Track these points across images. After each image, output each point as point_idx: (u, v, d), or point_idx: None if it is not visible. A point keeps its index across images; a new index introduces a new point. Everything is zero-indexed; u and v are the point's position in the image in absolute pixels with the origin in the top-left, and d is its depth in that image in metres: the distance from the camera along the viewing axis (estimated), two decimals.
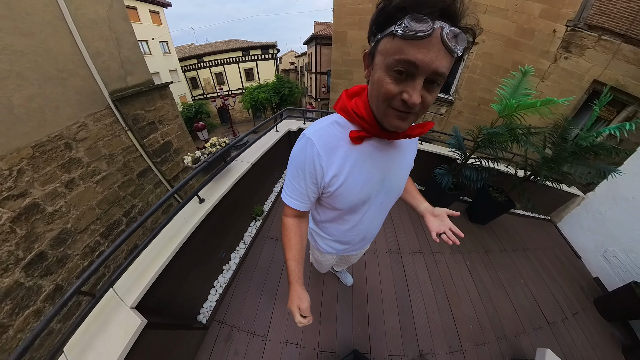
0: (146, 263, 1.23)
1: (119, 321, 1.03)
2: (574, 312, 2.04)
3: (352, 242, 0.84)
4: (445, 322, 1.72)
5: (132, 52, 3.35)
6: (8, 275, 2.21)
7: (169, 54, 14.33)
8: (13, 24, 2.24)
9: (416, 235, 2.37)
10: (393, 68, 0.39)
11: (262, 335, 1.53)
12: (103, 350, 0.94)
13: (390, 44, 0.39)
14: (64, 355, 0.93)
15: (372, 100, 0.49)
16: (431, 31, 0.35)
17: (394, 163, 0.64)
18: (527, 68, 1.86)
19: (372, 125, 0.53)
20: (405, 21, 0.35)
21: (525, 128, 1.91)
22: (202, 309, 1.65)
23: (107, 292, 1.12)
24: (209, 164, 1.60)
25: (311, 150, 0.55)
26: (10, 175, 2.25)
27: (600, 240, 2.56)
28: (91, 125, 2.91)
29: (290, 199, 0.64)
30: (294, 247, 0.67)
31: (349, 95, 0.59)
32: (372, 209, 0.70)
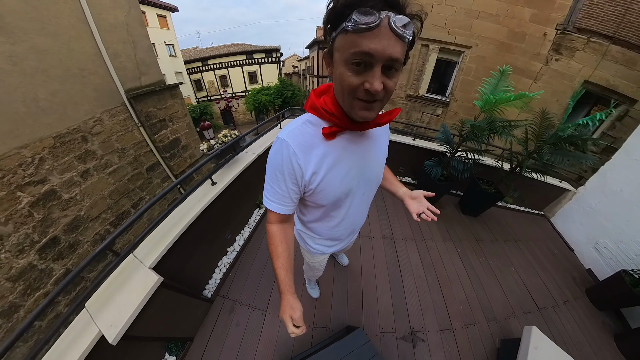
0: (163, 232, 1.38)
1: (138, 278, 1.17)
2: (564, 300, 2.10)
3: (341, 238, 0.85)
4: (436, 303, 1.82)
5: (146, 54, 3.59)
6: (23, 257, 2.36)
7: (174, 56, 14.76)
8: (41, 26, 2.47)
9: (409, 224, 2.50)
10: (351, 61, 0.41)
11: (262, 309, 1.66)
12: (122, 303, 1.06)
13: (344, 40, 0.41)
14: (86, 310, 1.05)
15: (338, 96, 0.51)
16: (379, 21, 0.37)
17: (370, 153, 0.65)
18: (505, 68, 2.04)
19: (341, 120, 0.54)
20: (353, 16, 0.38)
21: (506, 121, 2.07)
22: (208, 285, 1.80)
23: (127, 256, 1.27)
24: (221, 151, 1.78)
25: (287, 150, 0.56)
26: (33, 163, 2.44)
27: (592, 232, 2.64)
28: (106, 120, 3.12)
29: (272, 203, 0.62)
30: (282, 255, 0.65)
31: (317, 93, 0.60)
32: (355, 200, 0.71)
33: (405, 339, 1.58)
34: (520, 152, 2.29)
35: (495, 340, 1.67)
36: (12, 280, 2.26)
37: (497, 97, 1.87)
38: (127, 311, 1.04)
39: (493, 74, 2.07)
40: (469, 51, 4.57)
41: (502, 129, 2.01)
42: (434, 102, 5.26)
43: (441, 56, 4.84)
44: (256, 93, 15.51)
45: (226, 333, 1.53)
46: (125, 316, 1.02)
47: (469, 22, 4.34)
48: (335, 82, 0.50)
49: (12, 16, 2.25)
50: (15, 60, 2.28)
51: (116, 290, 1.12)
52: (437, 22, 4.51)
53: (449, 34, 4.53)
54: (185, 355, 1.42)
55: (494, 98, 1.86)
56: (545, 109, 2.12)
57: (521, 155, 2.28)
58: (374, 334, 1.59)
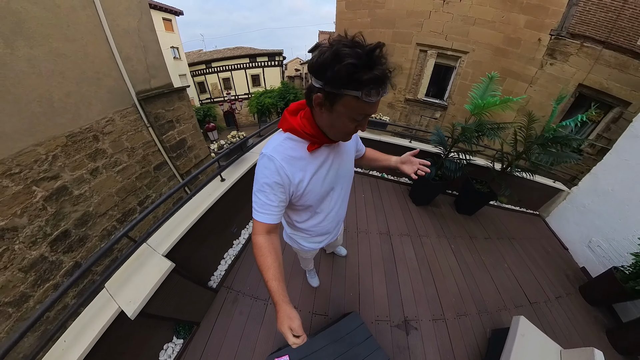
0: (174, 225, 1.50)
1: (153, 264, 1.29)
2: (557, 296, 2.16)
3: (329, 231, 0.96)
4: (430, 294, 1.91)
5: (156, 58, 3.75)
6: (36, 248, 2.46)
7: (179, 59, 15.05)
8: (60, 31, 2.62)
9: (405, 221, 2.60)
10: (356, 118, 0.56)
11: (264, 299, 1.76)
12: (139, 283, 1.19)
13: (355, 103, 0.52)
14: (106, 289, 1.17)
15: (328, 130, 0.63)
16: (380, 97, 0.53)
17: (341, 155, 0.79)
18: (493, 74, 2.17)
19: (321, 139, 0.66)
20: (371, 95, 0.50)
21: (494, 124, 2.18)
22: (213, 277, 1.90)
23: (142, 245, 1.38)
24: (230, 151, 1.92)
25: (274, 164, 0.65)
26: (47, 160, 2.57)
27: (585, 231, 2.70)
28: (118, 120, 3.25)
29: (262, 215, 0.68)
30: (272, 266, 0.65)
31: (291, 113, 0.69)
32: (336, 195, 0.83)
33: (399, 326, 1.67)
34: (510, 152, 2.40)
35: (486, 331, 1.76)
36: (24, 270, 2.36)
37: (485, 101, 1.99)
38: (144, 290, 1.16)
39: (482, 79, 2.20)
40: (466, 56, 4.72)
41: (489, 130, 2.12)
42: (432, 105, 5.40)
43: (439, 61, 5.00)
44: (259, 96, 15.75)
45: (230, 320, 1.63)
46: (142, 294, 1.14)
47: (465, 29, 4.50)
48: (330, 123, 0.60)
49: (33, 22, 2.40)
50: (34, 62, 2.42)
51: (133, 273, 1.25)
52: (434, 29, 4.67)
53: (446, 39, 4.69)
54: (192, 338, 1.52)
55: (483, 102, 1.98)
56: (532, 112, 2.23)
57: (511, 156, 2.38)
58: (369, 322, 1.67)
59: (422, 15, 4.64)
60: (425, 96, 5.41)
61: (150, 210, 1.34)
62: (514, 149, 2.35)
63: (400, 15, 4.76)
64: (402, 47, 4.99)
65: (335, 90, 0.51)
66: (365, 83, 0.48)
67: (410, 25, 4.77)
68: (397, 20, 4.82)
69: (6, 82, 2.26)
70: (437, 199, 2.96)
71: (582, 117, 1.85)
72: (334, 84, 0.50)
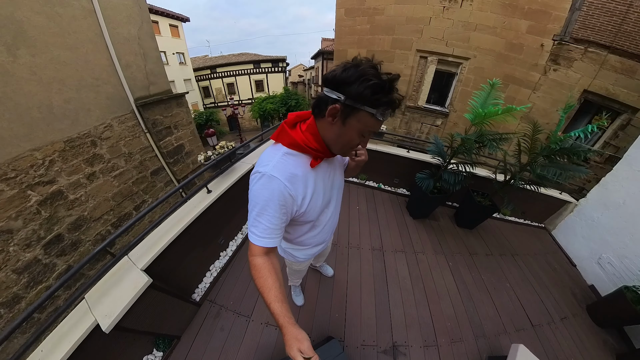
0: (157, 237, 1.47)
1: (131, 278, 1.25)
2: (562, 317, 2.02)
3: (325, 239, 0.96)
4: (422, 317, 1.79)
5: (155, 65, 3.81)
6: (30, 250, 2.49)
7: (184, 64, 15.38)
8: (61, 39, 2.68)
9: (400, 236, 2.50)
10: (364, 134, 0.60)
11: (247, 315, 1.69)
12: (116, 297, 1.17)
13: (369, 120, 0.56)
14: (85, 300, 1.16)
15: (333, 144, 0.64)
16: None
17: (335, 167, 0.82)
18: (494, 81, 2.08)
19: (325, 153, 0.66)
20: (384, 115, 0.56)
21: (496, 134, 2.09)
22: (197, 289, 1.85)
23: (123, 257, 1.35)
24: (217, 162, 1.87)
25: (277, 184, 0.60)
26: (43, 164, 2.60)
27: (594, 247, 2.54)
28: (116, 126, 3.29)
29: (262, 239, 0.63)
30: (273, 287, 0.61)
31: (290, 125, 0.66)
32: (332, 206, 0.85)
33: (387, 352, 1.57)
34: (514, 164, 2.30)
35: (482, 358, 1.64)
36: (17, 272, 2.39)
37: (486, 110, 1.91)
38: (120, 305, 1.14)
39: (483, 87, 2.12)
40: (467, 62, 4.67)
41: (490, 142, 2.03)
42: (433, 113, 5.33)
43: (440, 67, 4.94)
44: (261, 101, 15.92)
45: (211, 335, 1.58)
46: (118, 309, 1.12)
47: (466, 35, 4.45)
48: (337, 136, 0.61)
49: (35, 31, 2.46)
50: (35, 70, 2.48)
51: (112, 287, 1.23)
52: (435, 35, 4.64)
53: (447, 46, 4.65)
54: (172, 352, 1.48)
55: (484, 111, 1.91)
56: (537, 121, 2.14)
57: (514, 167, 2.28)
58: (354, 346, 1.57)
59: (422, 22, 4.62)
60: (426, 103, 5.35)
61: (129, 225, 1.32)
62: (517, 160, 2.24)
63: (399, 22, 4.75)
64: (402, 53, 4.96)
65: (354, 104, 0.54)
66: (384, 103, 0.54)
67: (410, 32, 4.75)
68: (396, 26, 4.81)
69: (7, 88, 2.31)
70: (436, 211, 2.86)
71: (593, 127, 1.74)
72: (356, 99, 0.53)
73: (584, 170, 2.00)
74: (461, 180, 2.27)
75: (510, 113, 1.81)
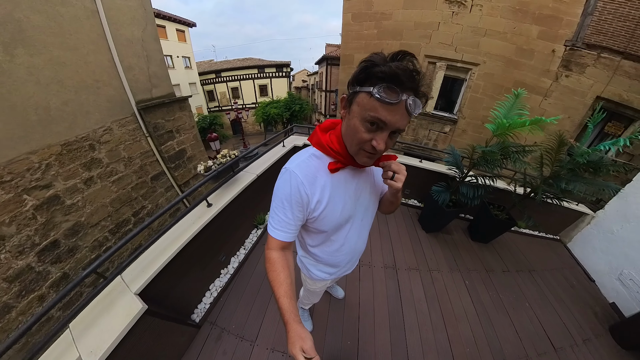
0: (153, 256, 1.33)
1: (123, 304, 1.11)
2: (585, 339, 1.89)
3: (341, 264, 0.86)
4: (440, 343, 1.66)
5: (159, 68, 3.72)
6: (22, 258, 2.36)
7: (190, 68, 15.49)
8: (61, 40, 2.59)
9: (413, 252, 2.36)
10: (367, 120, 0.49)
11: (251, 340, 1.55)
12: (105, 329, 1.03)
13: (367, 100, 0.48)
14: (69, 331, 1.02)
15: (346, 139, 0.59)
16: (399, 101, 0.45)
17: (366, 184, 0.73)
18: (519, 91, 1.96)
19: (345, 158, 0.62)
20: (381, 90, 0.45)
21: (519, 146, 1.96)
22: (196, 310, 1.70)
23: (116, 278, 1.21)
24: (218, 172, 1.74)
25: (296, 181, 0.62)
26: (40, 168, 2.48)
27: (615, 262, 2.41)
28: (116, 129, 3.18)
29: (277, 231, 0.65)
30: (284, 282, 0.62)
31: (322, 129, 0.67)
32: (354, 226, 0.76)
33: None
34: (535, 176, 2.17)
35: None
36: (8, 280, 2.26)
37: (511, 121, 1.78)
38: (109, 339, 1.00)
39: (507, 97, 2.00)
40: (476, 68, 4.57)
41: (515, 154, 1.90)
42: (441, 119, 5.21)
43: (448, 73, 4.85)
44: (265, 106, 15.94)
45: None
46: (106, 344, 0.98)
47: (476, 40, 4.36)
48: (347, 128, 0.57)
49: (35, 30, 2.37)
50: (32, 70, 2.38)
51: (100, 314, 1.09)
52: (444, 40, 4.55)
53: (456, 51, 4.55)
54: None
55: (508, 122, 1.78)
56: (561, 131, 2.01)
57: (535, 180, 2.15)
58: None
59: (430, 27, 4.53)
60: (434, 109, 5.24)
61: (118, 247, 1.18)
62: (540, 173, 2.11)
63: (407, 27, 4.67)
64: None
65: (353, 88, 0.52)
66: (377, 76, 0.46)
67: (418, 37, 4.67)
68: (404, 31, 4.73)
69: (3, 89, 2.21)
70: (449, 224, 2.72)
71: (625, 140, 1.61)
72: (353, 82, 0.51)
73: (614, 187, 1.87)
74: (481, 195, 2.13)
75: (539, 124, 1.67)
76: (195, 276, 1.68)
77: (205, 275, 1.81)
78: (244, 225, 2.26)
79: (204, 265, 1.77)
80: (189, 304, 1.67)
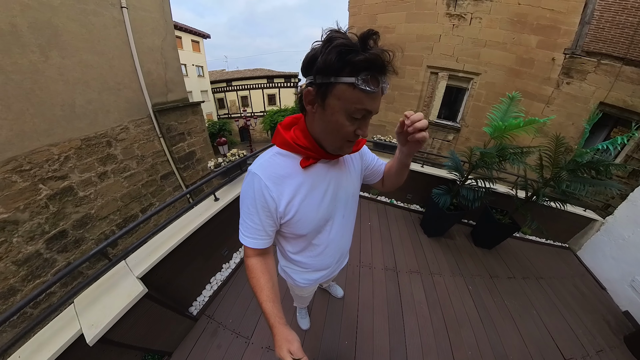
0: (158, 244, 1.38)
1: (125, 285, 1.15)
2: (598, 350, 1.78)
3: (330, 266, 0.81)
4: (442, 348, 1.60)
5: (175, 75, 3.98)
6: (32, 244, 2.47)
7: (202, 76, 16.26)
8: (91, 45, 2.83)
9: (415, 255, 2.32)
10: (352, 113, 0.46)
11: (246, 337, 1.54)
12: (106, 306, 1.07)
13: (350, 93, 0.44)
14: (73, 305, 1.07)
15: (325, 136, 0.54)
16: (380, 88, 0.45)
17: (342, 176, 0.67)
18: (514, 94, 2.01)
19: (317, 152, 0.57)
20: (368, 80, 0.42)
21: (517, 148, 1.97)
22: (195, 302, 1.72)
23: (120, 262, 1.26)
24: (227, 169, 1.83)
25: (258, 184, 0.56)
26: (58, 160, 2.65)
27: (627, 268, 2.31)
28: (132, 129, 3.37)
29: (247, 238, 0.61)
30: (265, 287, 0.60)
31: (284, 127, 0.62)
32: (336, 224, 0.70)
33: None
34: (536, 179, 2.15)
35: None
36: (17, 264, 2.35)
37: (506, 123, 1.82)
38: (109, 315, 1.03)
39: (502, 100, 2.04)
40: (478, 78, 4.65)
41: (512, 156, 1.92)
42: (444, 128, 5.25)
43: (450, 83, 4.94)
44: (273, 114, 16.39)
45: (205, 354, 1.43)
46: (107, 319, 1.02)
47: (476, 51, 4.46)
48: (324, 125, 0.51)
49: (68, 35, 2.61)
50: (63, 71, 2.60)
51: (103, 293, 1.13)
52: (445, 52, 4.68)
53: (457, 62, 4.66)
54: None
55: (504, 124, 1.82)
56: (560, 134, 2.01)
57: (537, 183, 2.13)
58: None
59: (432, 39, 4.69)
60: (437, 118, 5.30)
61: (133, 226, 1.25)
62: (540, 175, 2.11)
63: (410, 39, 4.84)
64: (413, 69, 5.02)
65: (326, 79, 0.44)
66: (360, 66, 0.42)
67: (421, 49, 4.82)
68: (407, 44, 4.89)
69: (35, 86, 2.41)
70: (452, 229, 2.68)
71: (622, 138, 1.62)
72: (325, 71, 0.43)
73: (617, 185, 1.84)
74: (481, 197, 2.13)
75: (533, 125, 1.70)
76: (198, 267, 1.71)
77: (207, 267, 1.84)
78: None
79: (207, 258, 1.80)
80: (189, 295, 1.69)
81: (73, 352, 0.97)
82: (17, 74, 2.28)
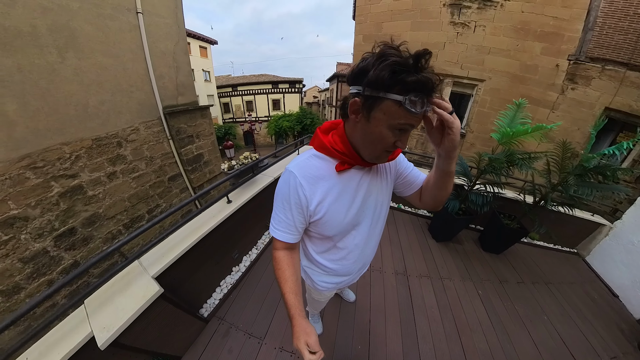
0: (172, 244, 1.38)
1: (140, 285, 1.14)
2: (612, 357, 1.75)
3: (351, 272, 0.82)
4: (454, 353, 1.57)
5: (186, 78, 4.05)
6: (40, 241, 2.45)
7: (209, 81, 16.53)
8: (106, 47, 2.90)
9: (424, 260, 2.30)
10: (397, 127, 0.49)
11: (259, 337, 1.52)
12: (120, 307, 1.04)
13: (396, 109, 0.46)
14: (84, 306, 1.04)
15: (364, 145, 0.56)
16: (422, 112, 0.47)
17: (374, 183, 0.68)
18: (521, 101, 2.03)
19: (353, 157, 0.59)
20: (415, 103, 0.45)
21: (525, 153, 1.98)
22: (205, 304, 1.70)
23: (133, 262, 1.25)
24: (240, 172, 1.84)
25: (294, 181, 0.60)
26: (70, 159, 2.67)
27: (638, 275, 2.28)
28: (142, 130, 3.40)
29: (278, 231, 0.64)
30: (290, 279, 0.63)
31: (323, 131, 0.65)
32: (362, 230, 0.71)
33: None
34: (544, 184, 2.15)
35: None
36: (24, 261, 2.33)
37: (514, 129, 1.83)
38: (123, 317, 1.01)
39: (509, 107, 2.06)
40: (482, 84, 4.69)
41: (521, 161, 1.93)
42: None
43: (455, 89, 4.99)
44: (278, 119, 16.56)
45: (217, 357, 1.40)
46: (120, 322, 0.99)
47: (480, 58, 4.51)
48: (365, 134, 0.54)
49: (85, 38, 2.68)
50: (78, 72, 2.65)
51: (117, 293, 1.11)
52: (449, 59, 4.74)
53: (461, 69, 4.72)
54: None
55: (511, 130, 1.83)
56: (566, 139, 2.03)
57: (544, 188, 2.13)
58: None
59: (436, 47, 4.76)
60: None
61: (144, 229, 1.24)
62: (547, 180, 2.11)
63: (415, 47, 4.71)
64: None
65: (375, 93, 0.46)
66: (410, 86, 0.44)
67: None
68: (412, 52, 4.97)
69: (50, 86, 2.46)
70: (460, 234, 2.67)
71: (628, 143, 1.63)
72: (375, 85, 0.46)
73: (625, 189, 1.85)
74: (489, 202, 2.12)
75: (541, 131, 1.71)
76: (209, 269, 1.70)
77: (218, 269, 1.83)
78: (258, 226, 2.30)
79: (219, 260, 1.80)
80: (199, 297, 1.68)
81: (82, 356, 0.94)
82: (35, 73, 2.33)
